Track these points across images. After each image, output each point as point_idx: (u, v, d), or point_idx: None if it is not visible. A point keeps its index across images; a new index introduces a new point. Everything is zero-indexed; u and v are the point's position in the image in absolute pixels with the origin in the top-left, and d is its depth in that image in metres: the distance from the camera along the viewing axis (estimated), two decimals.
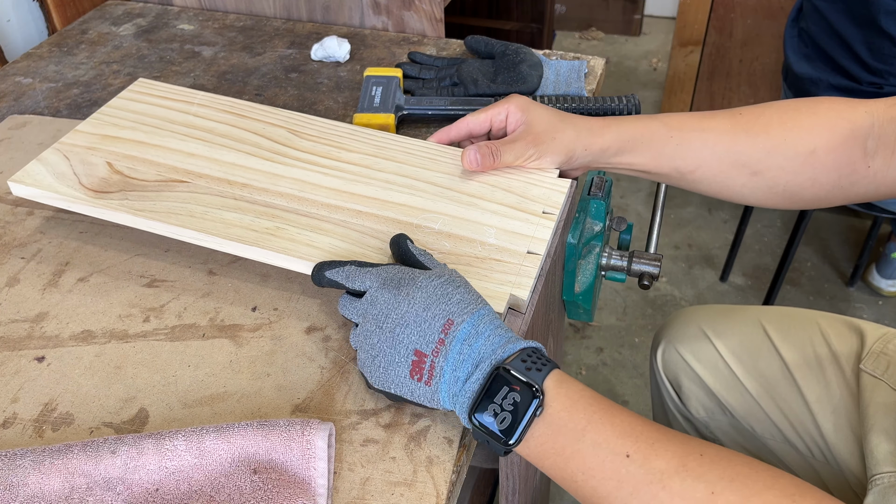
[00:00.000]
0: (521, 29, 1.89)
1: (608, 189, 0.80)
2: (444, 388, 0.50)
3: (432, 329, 0.50)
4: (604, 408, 0.47)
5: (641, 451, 0.44)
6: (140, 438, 0.49)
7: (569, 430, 0.46)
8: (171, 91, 0.79)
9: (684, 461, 0.43)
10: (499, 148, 0.67)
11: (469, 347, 0.49)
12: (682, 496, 0.42)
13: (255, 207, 0.66)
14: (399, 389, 0.52)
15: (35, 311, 0.64)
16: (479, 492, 1.22)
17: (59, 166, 0.69)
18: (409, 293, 0.52)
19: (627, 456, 0.44)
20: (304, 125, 0.76)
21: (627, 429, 0.45)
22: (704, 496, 0.41)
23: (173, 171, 0.69)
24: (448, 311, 0.50)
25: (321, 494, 0.49)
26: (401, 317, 0.51)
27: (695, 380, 0.95)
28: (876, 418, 0.79)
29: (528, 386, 0.47)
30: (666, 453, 0.44)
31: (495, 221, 0.65)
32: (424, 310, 0.51)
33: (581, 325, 1.82)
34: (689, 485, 0.42)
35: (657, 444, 0.44)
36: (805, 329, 0.91)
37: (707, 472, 0.42)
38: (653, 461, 0.43)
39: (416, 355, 0.50)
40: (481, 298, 0.53)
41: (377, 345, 0.52)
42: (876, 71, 1.25)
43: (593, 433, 0.45)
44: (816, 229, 2.06)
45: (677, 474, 0.43)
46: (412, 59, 0.96)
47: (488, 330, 0.50)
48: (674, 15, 2.96)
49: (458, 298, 0.51)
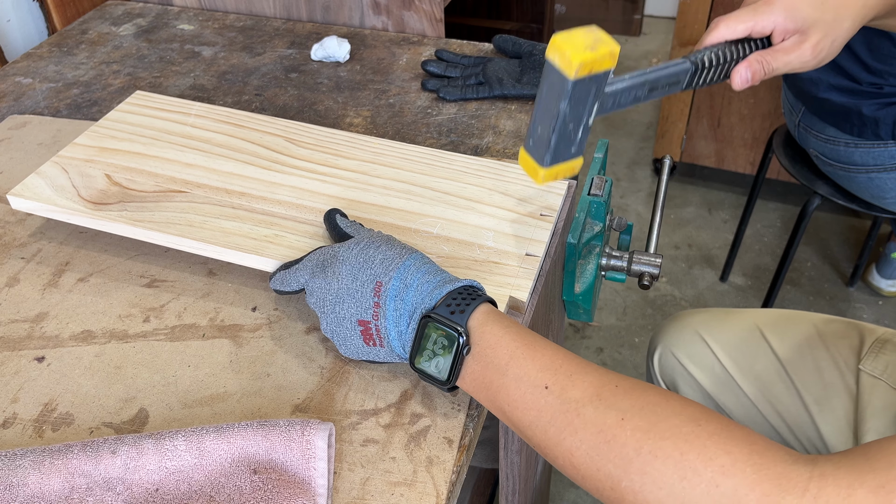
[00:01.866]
0: (521, 29, 1.88)
1: (608, 189, 0.80)
2: (396, 343, 0.53)
3: (365, 296, 0.53)
4: (527, 343, 0.49)
5: (559, 382, 0.47)
6: (140, 438, 0.49)
7: (494, 367, 0.49)
8: (169, 102, 0.80)
9: (599, 391, 0.46)
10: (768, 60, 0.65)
11: (402, 302, 0.52)
12: (594, 422, 0.44)
13: (253, 216, 0.66)
14: (366, 356, 0.55)
15: (35, 311, 0.64)
16: (479, 492, 1.22)
17: (58, 179, 0.69)
18: (335, 270, 0.55)
19: (546, 388, 0.47)
20: (301, 134, 0.76)
21: (547, 363, 0.48)
22: (615, 422, 0.44)
23: (171, 181, 0.70)
24: (374, 274, 0.53)
25: (321, 494, 0.49)
26: (335, 295, 0.54)
27: (691, 383, 0.95)
28: (875, 418, 0.79)
29: (453, 329, 0.50)
30: (582, 384, 0.46)
31: (493, 224, 0.65)
32: (353, 280, 0.54)
33: (581, 325, 1.82)
34: (601, 412, 0.45)
35: (574, 377, 0.47)
36: (801, 331, 0.91)
37: (619, 401, 0.45)
38: (569, 391, 0.46)
39: (361, 325, 0.54)
40: (406, 249, 0.55)
41: (328, 327, 0.56)
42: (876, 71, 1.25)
43: (515, 368, 0.48)
44: (816, 229, 2.06)
45: (591, 403, 0.45)
46: (438, 57, 0.97)
47: (416, 280, 0.53)
48: (674, 15, 2.96)
49: (381, 258, 0.54)
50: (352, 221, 0.62)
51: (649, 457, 0.42)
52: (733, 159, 2.12)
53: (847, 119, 1.29)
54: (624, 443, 0.43)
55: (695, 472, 0.40)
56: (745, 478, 0.39)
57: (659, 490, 0.41)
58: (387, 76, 0.96)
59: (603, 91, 0.58)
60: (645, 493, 0.41)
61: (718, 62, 0.66)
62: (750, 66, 0.64)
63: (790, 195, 2.15)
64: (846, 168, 1.35)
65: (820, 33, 0.65)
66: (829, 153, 1.36)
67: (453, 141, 0.84)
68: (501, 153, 0.82)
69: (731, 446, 0.41)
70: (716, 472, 0.40)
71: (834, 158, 1.36)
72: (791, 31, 0.65)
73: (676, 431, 0.42)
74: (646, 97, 0.64)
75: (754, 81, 0.65)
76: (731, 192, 2.21)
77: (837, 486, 0.38)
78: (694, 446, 0.41)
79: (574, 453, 0.45)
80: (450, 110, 0.89)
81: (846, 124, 1.30)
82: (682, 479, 0.41)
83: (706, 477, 0.40)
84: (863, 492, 0.37)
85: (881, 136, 1.27)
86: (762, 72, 0.65)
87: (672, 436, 0.42)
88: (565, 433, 0.45)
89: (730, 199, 2.19)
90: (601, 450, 0.44)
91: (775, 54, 0.65)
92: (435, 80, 0.93)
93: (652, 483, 0.41)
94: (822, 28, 0.65)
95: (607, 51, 0.55)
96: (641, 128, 2.50)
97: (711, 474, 0.40)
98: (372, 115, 0.89)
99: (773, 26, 0.65)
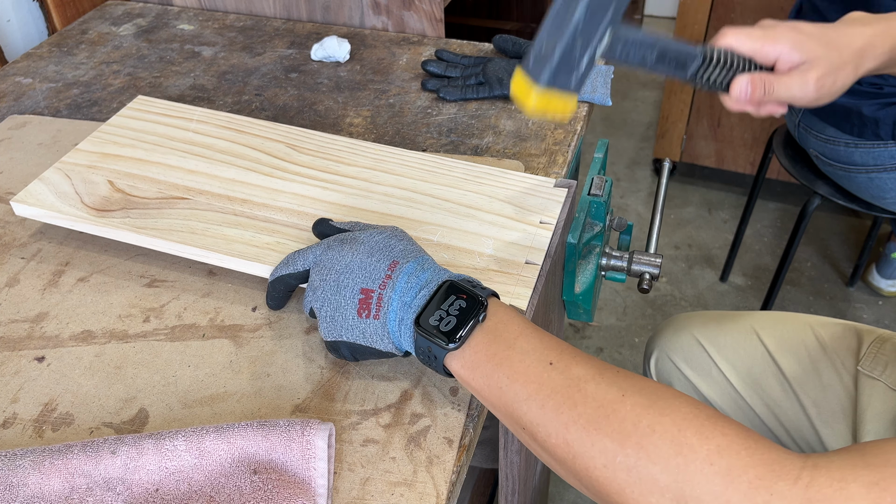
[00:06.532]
0: (521, 29, 1.88)
1: (608, 189, 0.80)
2: (392, 315, 0.53)
3: (378, 270, 0.54)
4: (535, 327, 0.51)
5: (564, 360, 0.48)
6: (140, 438, 0.49)
7: (502, 339, 0.50)
8: (170, 108, 0.80)
9: (601, 371, 0.47)
10: (771, 83, 0.65)
11: (416, 278, 0.53)
12: (595, 397, 0.45)
13: (255, 223, 0.66)
14: (349, 333, 0.54)
15: (35, 311, 0.64)
16: (479, 492, 1.22)
17: (61, 185, 0.70)
18: (353, 247, 0.56)
19: (551, 363, 0.48)
20: (302, 140, 0.76)
21: (553, 343, 0.49)
22: (616, 398, 0.44)
23: (174, 188, 0.70)
24: (392, 256, 0.54)
25: (321, 495, 0.49)
26: (345, 266, 0.55)
27: (689, 388, 0.95)
28: (874, 420, 0.79)
29: (475, 294, 0.51)
30: (586, 364, 0.47)
31: (493, 232, 0.65)
32: (368, 256, 0.55)
33: (581, 325, 1.82)
34: (602, 388, 0.45)
35: (578, 357, 0.48)
36: (799, 334, 0.90)
37: (621, 381, 0.46)
38: (573, 368, 0.47)
39: (363, 293, 0.53)
40: (424, 251, 0.57)
41: (322, 296, 0.55)
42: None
43: (523, 342, 0.49)
44: (816, 229, 2.06)
45: (593, 380, 0.46)
46: (438, 57, 0.97)
47: (433, 266, 0.55)
48: (674, 15, 2.96)
49: (402, 248, 0.55)
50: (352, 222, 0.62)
51: (647, 430, 0.42)
52: (733, 159, 2.12)
53: (847, 119, 1.29)
54: (623, 417, 0.43)
55: (691, 448, 0.41)
56: (740, 459, 0.40)
57: (654, 465, 0.41)
58: (387, 76, 0.96)
59: (620, 15, 0.57)
60: (639, 469, 0.41)
61: (726, 64, 0.66)
62: (752, 82, 0.65)
63: (790, 195, 2.15)
64: (846, 168, 1.35)
65: (824, 69, 0.65)
66: (829, 153, 1.36)
67: (453, 141, 0.84)
68: (501, 153, 0.82)
69: (727, 429, 0.41)
70: (711, 450, 0.40)
71: (834, 158, 1.36)
72: (796, 62, 0.66)
73: (676, 410, 0.43)
74: (652, 65, 0.63)
75: (752, 98, 0.65)
76: (731, 192, 2.21)
77: (830, 477, 0.38)
78: (692, 424, 0.42)
79: (570, 427, 0.45)
80: (450, 110, 0.89)
81: (846, 124, 1.30)
82: (678, 454, 0.41)
83: (702, 454, 0.40)
84: (856, 486, 0.37)
85: (881, 136, 1.27)
86: (762, 91, 0.65)
87: (671, 413, 0.43)
88: (564, 406, 0.45)
89: (730, 199, 2.19)
90: (600, 423, 0.44)
91: (779, 79, 0.65)
92: (435, 80, 0.93)
93: (647, 458, 0.41)
94: (827, 65, 0.66)
95: None
96: (641, 128, 2.50)
97: (707, 452, 0.40)
98: (372, 115, 0.89)
99: (777, 55, 0.66)
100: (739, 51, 0.66)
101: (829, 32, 0.67)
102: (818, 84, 0.65)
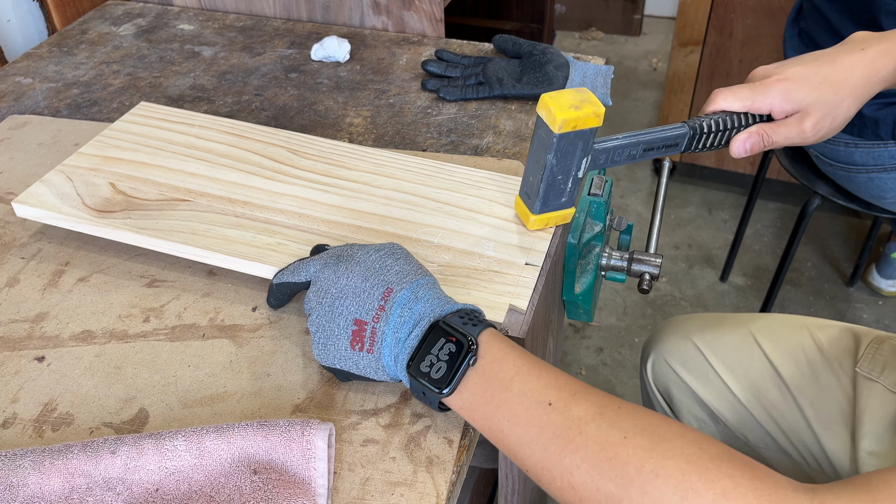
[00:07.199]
0: (521, 29, 1.88)
1: (608, 189, 0.80)
2: (387, 351, 0.52)
3: (371, 298, 0.52)
4: (531, 363, 0.49)
5: (563, 399, 0.47)
6: (140, 438, 0.49)
7: (498, 381, 0.49)
8: (172, 114, 0.80)
9: (602, 410, 0.46)
10: (769, 133, 0.66)
11: (409, 311, 0.52)
12: (597, 440, 0.44)
13: (256, 224, 0.67)
14: (342, 363, 0.53)
15: (35, 311, 0.64)
16: (479, 492, 1.22)
17: (63, 187, 0.70)
18: (348, 268, 0.54)
19: (550, 404, 0.47)
20: (304, 145, 0.76)
21: (552, 381, 0.48)
22: (617, 440, 0.44)
23: (175, 190, 0.70)
24: (387, 281, 0.53)
25: (321, 495, 0.49)
26: (340, 290, 0.54)
27: (686, 391, 0.94)
28: (872, 421, 0.79)
29: (464, 336, 0.50)
30: (585, 403, 0.46)
31: (493, 234, 0.66)
32: (363, 281, 0.53)
33: (581, 325, 1.82)
34: (603, 430, 0.44)
35: (578, 395, 0.47)
36: (795, 336, 0.90)
37: (622, 421, 0.45)
38: (573, 409, 0.46)
39: (356, 324, 0.52)
40: (422, 269, 0.55)
41: (317, 320, 0.54)
42: None
43: (520, 383, 0.48)
44: (816, 229, 2.06)
45: (594, 421, 0.45)
46: (438, 57, 0.97)
47: (428, 295, 0.53)
48: (674, 15, 2.96)
49: (398, 269, 0.54)
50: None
51: (651, 476, 0.41)
52: (733, 159, 2.12)
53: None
54: (626, 461, 0.43)
55: (696, 493, 0.40)
56: (747, 502, 0.39)
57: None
58: (387, 76, 0.96)
59: (591, 147, 0.61)
60: None
61: (718, 129, 0.68)
62: (751, 137, 0.66)
63: (790, 195, 2.15)
64: (846, 168, 1.35)
65: (820, 113, 0.66)
66: (829, 153, 1.36)
67: (453, 141, 0.84)
68: (501, 153, 0.82)
69: (733, 470, 0.41)
70: (717, 494, 0.40)
71: (834, 158, 1.36)
72: (789, 111, 0.67)
73: (679, 452, 0.42)
74: (641, 156, 0.67)
75: (753, 152, 0.66)
76: (731, 192, 2.21)
77: None
78: (696, 468, 0.41)
79: (574, 472, 0.44)
80: (450, 110, 0.89)
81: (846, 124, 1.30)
82: (684, 499, 0.40)
83: (707, 499, 0.40)
84: None
85: (881, 136, 1.27)
86: (762, 144, 0.66)
87: (674, 456, 0.42)
88: (566, 451, 0.45)
89: (730, 199, 2.19)
90: (602, 468, 0.43)
91: (777, 128, 0.66)
92: (435, 80, 0.93)
93: (652, 503, 0.41)
94: (822, 108, 0.66)
95: (592, 110, 0.58)
96: (641, 128, 2.49)
97: (713, 497, 0.40)
98: (372, 115, 0.89)
99: (769, 108, 0.67)
100: (732, 111, 0.68)
101: (822, 69, 0.67)
102: (815, 129, 0.67)
